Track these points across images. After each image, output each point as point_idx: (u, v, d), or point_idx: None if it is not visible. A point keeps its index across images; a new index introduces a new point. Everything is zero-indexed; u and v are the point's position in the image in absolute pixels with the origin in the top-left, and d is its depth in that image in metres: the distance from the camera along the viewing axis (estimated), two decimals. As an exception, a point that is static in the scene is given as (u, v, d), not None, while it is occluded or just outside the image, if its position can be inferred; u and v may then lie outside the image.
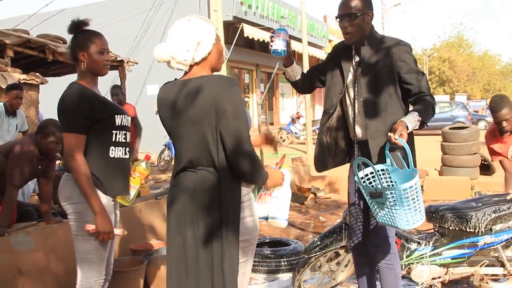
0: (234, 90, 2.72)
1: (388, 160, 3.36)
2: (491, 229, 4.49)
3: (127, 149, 3.44)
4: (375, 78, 3.55)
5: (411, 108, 3.60)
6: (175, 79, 2.93)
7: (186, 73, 2.88)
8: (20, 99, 7.26)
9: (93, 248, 3.29)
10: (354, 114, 3.69)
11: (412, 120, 3.34)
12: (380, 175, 3.32)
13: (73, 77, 3.54)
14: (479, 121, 33.56)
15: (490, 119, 36.23)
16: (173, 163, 14.83)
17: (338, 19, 3.58)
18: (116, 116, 3.35)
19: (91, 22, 3.44)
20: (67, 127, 3.23)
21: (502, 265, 4.62)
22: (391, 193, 3.10)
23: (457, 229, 4.57)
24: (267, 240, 5.98)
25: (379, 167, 3.36)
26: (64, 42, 9.83)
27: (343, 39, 3.66)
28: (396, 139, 3.15)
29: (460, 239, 4.57)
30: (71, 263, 5.25)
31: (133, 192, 3.48)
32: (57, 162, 6.08)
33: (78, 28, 3.39)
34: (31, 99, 8.80)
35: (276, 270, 5.35)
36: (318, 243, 4.62)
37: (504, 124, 4.97)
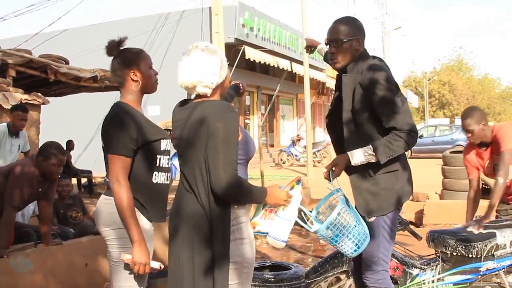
0: (229, 115, 2.82)
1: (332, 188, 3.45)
2: (493, 255, 4.46)
3: (169, 174, 3.30)
4: (352, 107, 3.47)
5: None
6: (187, 100, 3.10)
7: (197, 96, 3.00)
8: (24, 121, 7.26)
9: (135, 274, 3.09)
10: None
11: (360, 154, 3.36)
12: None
13: (74, 97, 3.50)
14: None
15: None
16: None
17: (326, 45, 3.58)
18: (162, 140, 3.20)
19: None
20: (115, 149, 3.04)
21: (505, 291, 4.59)
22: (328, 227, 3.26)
23: (459, 254, 4.53)
24: (267, 264, 5.93)
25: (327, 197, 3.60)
26: (67, 62, 9.88)
27: None
28: (326, 174, 3.35)
29: (462, 264, 4.54)
30: (70, 286, 5.25)
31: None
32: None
33: (119, 47, 3.22)
34: (32, 119, 8.81)
35: (276, 294, 5.30)
36: (319, 268, 4.59)
37: (469, 135, 4.98)
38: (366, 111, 3.42)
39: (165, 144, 3.23)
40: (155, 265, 3.13)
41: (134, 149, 3.07)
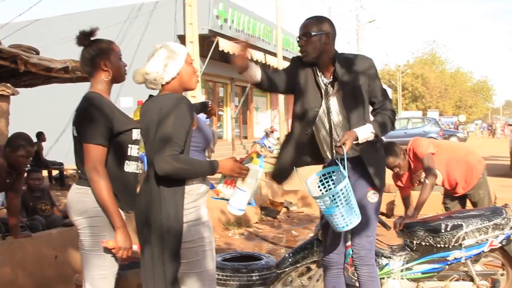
0: (178, 105, 3.01)
1: (338, 161, 3.48)
2: (460, 244, 4.53)
3: (139, 164, 3.38)
4: (353, 95, 3.64)
5: None
6: (150, 95, 3.25)
7: (160, 91, 3.20)
8: None
9: (107, 263, 3.18)
10: (331, 132, 3.74)
11: (365, 131, 3.50)
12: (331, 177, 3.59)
13: (45, 88, 3.50)
14: (451, 136, 33.91)
15: (461, 134, 36.74)
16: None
17: (298, 41, 3.70)
18: (134, 130, 3.28)
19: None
20: (92, 138, 3.08)
21: (472, 279, 4.66)
22: (330, 197, 3.32)
23: (427, 244, 4.60)
24: (239, 255, 5.94)
25: (328, 169, 3.62)
26: (37, 52, 9.72)
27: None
28: (339, 147, 3.34)
29: (431, 254, 4.60)
30: (39, 278, 5.21)
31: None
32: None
33: (90, 37, 3.28)
34: (1, 110, 8.71)
35: (247, 285, 5.31)
36: (290, 258, 4.62)
37: (396, 170, 5.34)
38: (366, 99, 3.67)
39: (136, 133, 3.30)
40: (135, 247, 3.26)
41: (109, 138, 3.13)
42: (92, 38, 3.28)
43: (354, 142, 3.44)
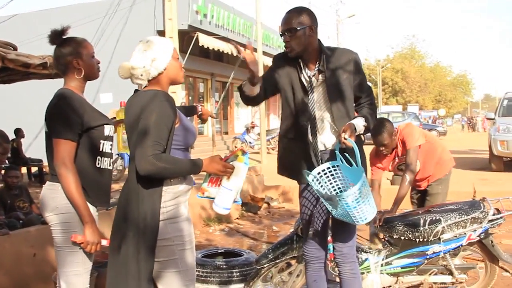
0: (160, 103, 2.97)
1: (338, 158, 3.50)
2: (439, 238, 4.56)
3: (111, 160, 3.37)
4: (339, 89, 3.66)
5: None
6: (135, 90, 3.21)
7: (145, 86, 3.16)
8: None
9: (80, 260, 3.18)
10: (316, 124, 3.72)
11: (359, 124, 3.52)
12: (332, 172, 3.53)
13: (24, 84, 3.47)
14: (431, 130, 34.09)
15: (441, 128, 37.02)
16: (126, 172, 14.55)
17: (281, 36, 3.67)
18: (105, 125, 3.28)
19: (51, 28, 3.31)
20: (60, 133, 3.09)
21: (451, 273, 4.70)
22: (343, 198, 3.23)
23: (406, 238, 4.62)
24: (219, 251, 5.94)
25: (329, 164, 3.54)
26: (15, 48, 9.59)
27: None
28: (345, 139, 3.30)
29: (410, 248, 4.64)
30: (18, 277, 5.16)
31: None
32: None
33: (61, 36, 3.28)
34: (-22, 106, 8.59)
35: (228, 281, 5.30)
36: (269, 254, 4.62)
37: (382, 148, 5.24)
38: (351, 91, 3.70)
39: (108, 129, 3.30)
40: (105, 242, 3.22)
41: (79, 133, 3.14)
42: (64, 37, 3.29)
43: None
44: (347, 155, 3.46)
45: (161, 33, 18.13)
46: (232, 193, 3.21)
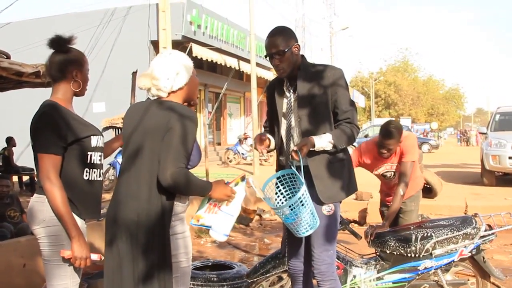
0: (190, 119, 2.94)
1: (294, 169, 3.54)
2: (431, 254, 4.55)
3: (101, 171, 3.32)
4: (312, 105, 3.67)
5: None
6: (148, 98, 3.19)
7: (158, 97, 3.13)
8: None
9: (68, 273, 3.11)
10: (292, 139, 3.77)
11: (322, 140, 3.53)
12: (282, 181, 3.67)
13: (16, 92, 3.44)
14: (423, 144, 34.27)
15: (433, 142, 37.11)
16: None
17: (268, 58, 3.72)
18: (92, 137, 3.22)
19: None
20: (44, 148, 3.05)
21: (442, 289, 4.69)
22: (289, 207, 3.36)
23: (398, 253, 4.61)
24: (210, 263, 5.91)
25: (279, 173, 3.69)
26: (8, 57, 9.58)
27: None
28: (295, 152, 3.39)
29: (401, 263, 4.62)
30: (7, 287, 5.12)
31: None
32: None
33: (67, 44, 3.23)
34: (-30, 115, 8.56)
35: (219, 293, 5.28)
36: (260, 268, 4.61)
37: (384, 151, 5.16)
38: (327, 108, 3.67)
39: (96, 140, 3.24)
40: (95, 257, 3.16)
41: (63, 147, 3.09)
42: (69, 45, 3.24)
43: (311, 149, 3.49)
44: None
45: (155, 43, 18.17)
46: (233, 218, 3.19)
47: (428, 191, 11.69)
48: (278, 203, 3.65)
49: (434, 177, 11.51)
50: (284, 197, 3.67)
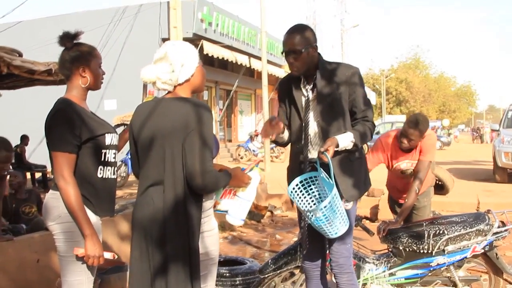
0: (207, 114, 2.89)
1: (319, 170, 3.54)
2: (443, 250, 4.54)
3: (116, 168, 3.33)
4: (331, 104, 3.67)
5: None
6: (155, 97, 3.10)
7: (169, 92, 3.03)
8: None
9: (83, 269, 3.12)
10: (309, 137, 3.76)
11: (345, 139, 3.53)
12: (309, 183, 3.60)
13: (28, 91, 3.45)
14: (435, 141, 34.03)
15: (444, 139, 36.93)
16: (129, 179, 14.48)
17: (284, 54, 3.69)
18: (107, 134, 3.22)
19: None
20: (58, 146, 3.05)
21: (454, 285, 4.68)
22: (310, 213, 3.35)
23: (410, 250, 4.61)
24: (222, 259, 5.93)
25: (306, 175, 3.61)
26: (20, 55, 9.64)
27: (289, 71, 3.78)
28: (322, 153, 3.37)
29: (414, 259, 4.61)
30: (21, 283, 5.16)
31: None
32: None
33: (73, 40, 3.23)
34: (-17, 112, 8.61)
35: (231, 289, 5.30)
36: (273, 263, 4.61)
37: (405, 141, 5.07)
38: (345, 107, 3.69)
39: (110, 138, 3.25)
40: (108, 255, 3.17)
41: (78, 145, 3.08)
42: (75, 41, 3.23)
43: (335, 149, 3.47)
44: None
45: (166, 41, 18.19)
46: (249, 203, 3.23)
47: (440, 188, 11.65)
48: (302, 206, 3.59)
49: (446, 174, 11.47)
50: (304, 198, 3.62)
